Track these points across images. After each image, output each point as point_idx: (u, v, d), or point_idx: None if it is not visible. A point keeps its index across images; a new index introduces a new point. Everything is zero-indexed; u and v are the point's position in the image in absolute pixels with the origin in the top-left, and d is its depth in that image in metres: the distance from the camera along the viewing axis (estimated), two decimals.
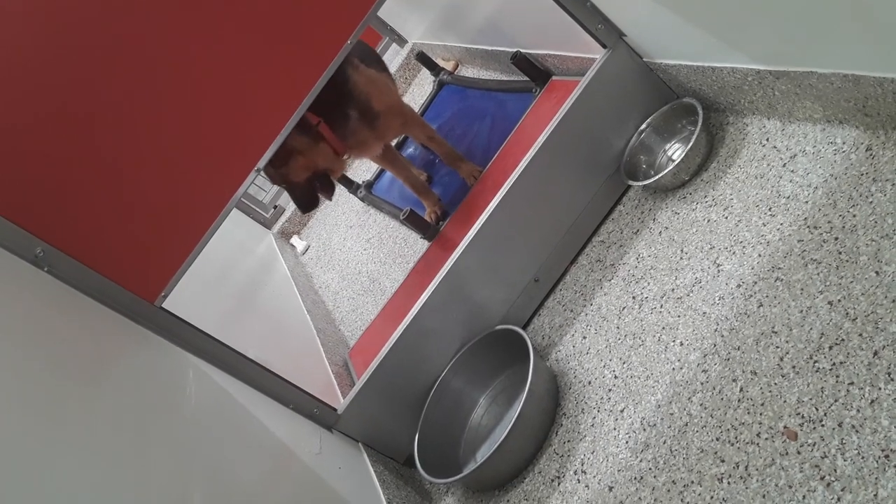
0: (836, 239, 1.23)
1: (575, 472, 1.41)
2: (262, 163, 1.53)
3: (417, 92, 3.48)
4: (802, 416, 1.09)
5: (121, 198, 1.44)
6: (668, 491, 1.21)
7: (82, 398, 1.09)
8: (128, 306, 1.42)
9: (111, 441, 1.04)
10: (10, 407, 0.94)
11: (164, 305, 1.47)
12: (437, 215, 2.34)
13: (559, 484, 1.42)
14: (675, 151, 1.74)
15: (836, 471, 1.00)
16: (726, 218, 1.48)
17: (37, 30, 1.30)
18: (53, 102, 1.34)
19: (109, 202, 1.43)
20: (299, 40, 1.51)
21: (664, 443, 1.28)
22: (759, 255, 1.35)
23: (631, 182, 1.72)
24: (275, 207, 3.78)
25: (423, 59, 3.22)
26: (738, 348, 1.26)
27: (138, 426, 1.13)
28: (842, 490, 0.98)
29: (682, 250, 1.53)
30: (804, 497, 1.01)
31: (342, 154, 2.05)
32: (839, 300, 1.15)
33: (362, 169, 3.47)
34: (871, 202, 1.21)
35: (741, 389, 1.21)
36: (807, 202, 1.33)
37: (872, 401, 1.01)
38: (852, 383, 1.05)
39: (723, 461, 1.16)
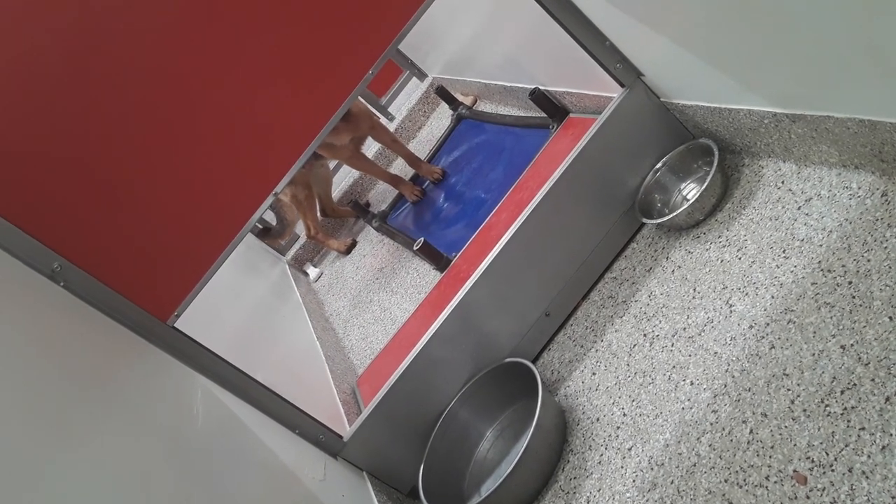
0: (850, 283, 1.22)
1: None
2: (279, 187, 1.55)
3: (436, 125, 3.51)
4: (812, 461, 1.07)
5: (139, 217, 1.45)
6: None
7: (91, 413, 1.09)
8: (141, 324, 1.43)
9: (117, 455, 1.04)
10: (19, 418, 0.94)
11: (176, 325, 1.48)
12: (417, 196, 2.99)
13: None
14: (691, 191, 1.75)
15: None
16: (740, 259, 1.47)
17: (58, 47, 1.33)
18: (75, 121, 1.36)
19: (128, 221, 1.44)
20: (322, 70, 1.53)
21: (672, 483, 1.26)
22: (772, 297, 1.34)
23: (645, 220, 1.73)
24: None
25: (443, 94, 3.26)
26: (749, 389, 1.25)
27: (145, 443, 1.13)
28: None
29: (694, 289, 1.53)
30: None
31: None
32: (852, 344, 1.14)
33: (378, 199, 3.50)
34: (885, 247, 1.21)
35: (751, 431, 1.19)
36: (821, 245, 1.32)
37: (883, 447, 1.00)
38: (863, 428, 1.04)
39: None
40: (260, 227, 3.51)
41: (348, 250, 3.30)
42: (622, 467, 1.38)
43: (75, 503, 0.91)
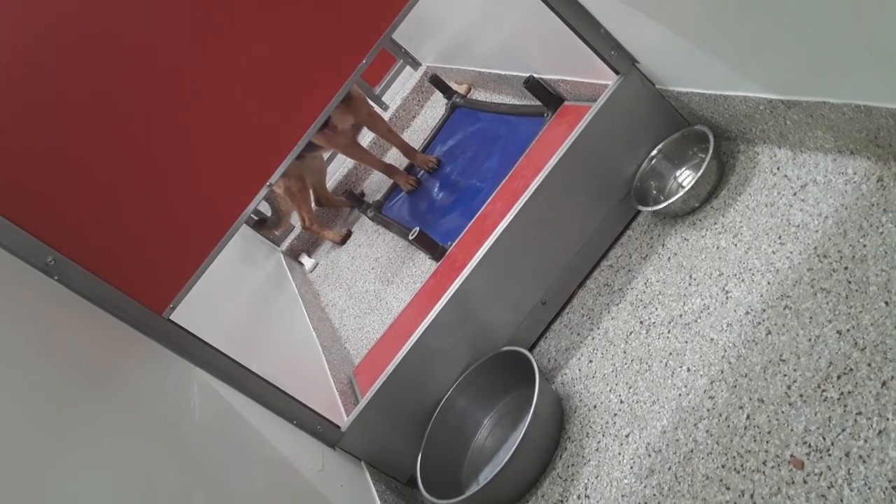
0: (846, 268, 1.22)
1: (578, 497, 1.40)
2: (273, 178, 1.54)
3: (430, 114, 3.50)
4: (809, 445, 1.08)
5: (133, 209, 1.45)
6: None
7: (88, 407, 1.09)
8: (136, 317, 1.42)
9: (114, 450, 1.04)
10: (16, 413, 0.94)
11: (171, 317, 1.48)
12: (412, 186, 2.97)
13: None
14: (686, 178, 1.75)
15: (842, 501, 0.99)
16: (735, 245, 1.48)
17: (52, 41, 1.32)
18: (69, 114, 1.35)
19: (122, 213, 1.44)
20: (315, 60, 1.53)
21: (669, 469, 1.27)
22: (769, 283, 1.34)
23: (641, 207, 1.73)
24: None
25: (437, 82, 3.25)
26: (746, 375, 1.26)
27: (142, 437, 1.13)
28: None
29: (690, 276, 1.53)
30: None
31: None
32: (848, 330, 1.14)
33: (373, 189, 3.49)
34: (881, 233, 1.21)
35: (748, 417, 1.20)
36: (817, 231, 1.33)
37: (880, 431, 1.00)
38: (860, 413, 1.04)
39: (728, 489, 1.15)
40: (255, 217, 3.51)
41: (343, 240, 3.30)
42: (620, 454, 1.38)
43: (72, 498, 0.91)
